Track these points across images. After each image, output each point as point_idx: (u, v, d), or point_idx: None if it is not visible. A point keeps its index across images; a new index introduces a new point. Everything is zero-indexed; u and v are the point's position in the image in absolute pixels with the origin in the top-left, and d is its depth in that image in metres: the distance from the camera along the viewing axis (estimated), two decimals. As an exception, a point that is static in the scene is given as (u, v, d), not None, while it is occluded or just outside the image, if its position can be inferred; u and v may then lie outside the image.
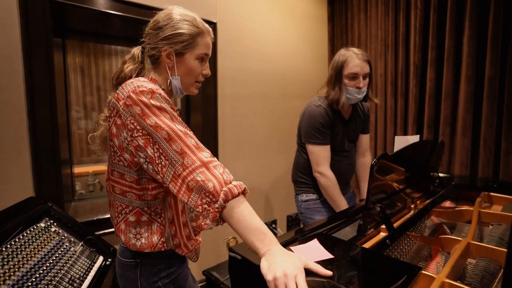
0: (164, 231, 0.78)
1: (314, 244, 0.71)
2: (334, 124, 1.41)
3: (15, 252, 0.98)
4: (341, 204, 1.38)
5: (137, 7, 1.64)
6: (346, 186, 1.53)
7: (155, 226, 0.78)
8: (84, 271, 1.14)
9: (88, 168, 2.61)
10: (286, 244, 0.73)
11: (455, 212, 1.22)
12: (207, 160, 0.66)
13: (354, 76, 1.33)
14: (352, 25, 2.41)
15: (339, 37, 2.53)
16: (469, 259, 0.89)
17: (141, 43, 0.85)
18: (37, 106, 1.35)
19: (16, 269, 0.93)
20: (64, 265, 1.09)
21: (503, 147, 1.63)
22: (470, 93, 1.74)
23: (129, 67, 0.83)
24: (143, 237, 0.77)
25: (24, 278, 0.92)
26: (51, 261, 1.05)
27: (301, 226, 1.41)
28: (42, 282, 0.96)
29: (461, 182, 1.53)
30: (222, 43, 2.02)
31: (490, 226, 1.10)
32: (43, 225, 1.18)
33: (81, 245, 1.24)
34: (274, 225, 2.48)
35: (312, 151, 1.40)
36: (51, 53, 1.36)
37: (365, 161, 1.60)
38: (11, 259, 0.94)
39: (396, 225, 0.98)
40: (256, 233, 0.61)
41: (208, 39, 0.82)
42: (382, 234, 0.93)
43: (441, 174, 1.71)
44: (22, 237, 1.05)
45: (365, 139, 1.59)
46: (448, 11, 1.79)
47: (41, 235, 1.13)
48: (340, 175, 1.42)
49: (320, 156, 1.38)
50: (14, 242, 1.01)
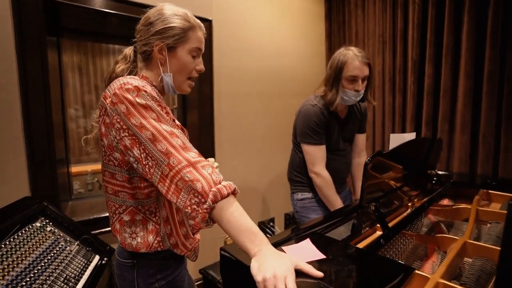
0: (160, 230, 0.78)
1: (307, 244, 0.70)
2: (330, 124, 1.39)
3: (10, 252, 0.97)
4: (336, 204, 1.37)
5: (133, 6, 1.63)
6: (342, 185, 1.52)
7: (150, 225, 0.77)
8: (80, 270, 1.14)
9: (87, 167, 2.62)
10: (279, 244, 0.72)
11: (453, 210, 1.21)
12: (194, 160, 0.65)
13: (353, 79, 1.30)
14: (350, 22, 2.39)
15: (337, 34, 2.51)
16: (466, 258, 0.88)
17: (133, 43, 0.84)
18: (32, 106, 1.34)
19: (11, 269, 0.93)
20: (60, 265, 1.08)
21: (503, 144, 1.62)
22: (469, 89, 1.72)
23: (121, 67, 0.82)
24: (139, 236, 0.76)
25: (19, 278, 0.92)
26: (46, 261, 1.05)
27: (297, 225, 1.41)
28: (37, 282, 0.96)
29: (460, 180, 1.51)
30: (218, 41, 2.00)
31: (488, 225, 1.08)
32: (39, 225, 1.18)
33: (77, 245, 1.24)
34: (272, 223, 2.48)
35: (308, 151, 1.39)
36: (45, 52, 1.35)
37: (361, 161, 1.58)
38: (5, 259, 0.94)
39: (392, 224, 0.97)
40: (247, 234, 0.60)
41: (200, 34, 0.81)
42: (378, 233, 0.92)
43: (440, 172, 1.69)
44: (17, 237, 1.05)
45: (361, 139, 1.58)
46: (447, 6, 1.77)
47: (37, 235, 1.13)
48: (336, 174, 1.41)
49: (316, 156, 1.37)
50: (9, 242, 1.00)
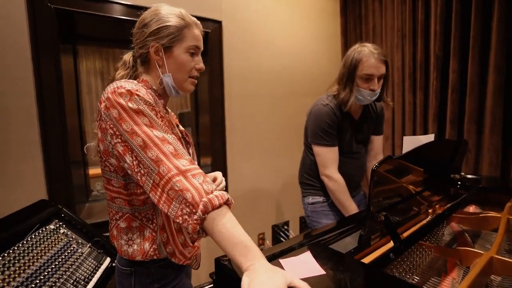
0: (156, 238, 0.76)
1: (306, 257, 0.65)
2: (342, 125, 1.32)
3: (23, 254, 1.01)
4: (350, 209, 1.30)
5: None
6: (356, 189, 1.44)
7: (147, 232, 0.76)
8: (90, 273, 1.16)
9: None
10: (276, 256, 0.68)
11: (480, 219, 1.10)
12: (185, 169, 0.62)
13: (369, 78, 1.22)
14: (367, 16, 2.28)
15: (353, 30, 2.41)
16: (494, 276, 0.78)
17: (132, 48, 0.83)
18: (47, 111, 1.40)
19: (22, 271, 0.96)
20: (70, 267, 1.11)
21: (540, 145, 1.45)
22: (500, 85, 1.56)
23: (121, 73, 0.81)
24: (135, 243, 0.75)
25: (29, 280, 0.94)
26: (57, 263, 1.08)
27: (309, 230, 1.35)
28: (47, 284, 0.98)
29: (489, 185, 1.38)
30: (228, 42, 1.98)
31: (522, 236, 0.97)
32: (53, 227, 1.22)
33: (89, 247, 1.27)
34: (286, 227, 2.42)
35: (319, 153, 1.32)
36: (59, 60, 1.40)
37: None
38: (18, 261, 0.98)
39: (408, 234, 0.89)
40: (239, 247, 0.57)
41: (196, 31, 0.79)
42: (390, 245, 0.85)
43: (469, 176, 1.55)
44: (31, 239, 1.09)
45: (378, 141, 1.49)
46: (473, -6, 1.62)
47: (50, 237, 1.16)
48: (349, 178, 1.33)
49: (327, 158, 1.31)
50: (22, 244, 1.04)
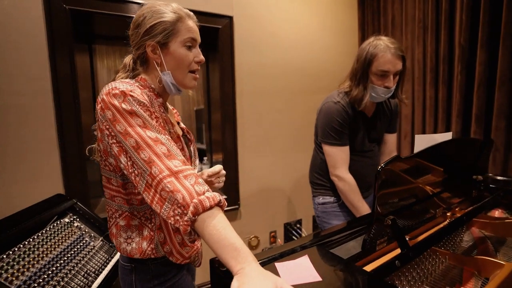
0: (154, 237, 0.77)
1: (304, 262, 0.62)
2: (354, 123, 1.26)
3: (38, 245, 1.06)
4: (362, 210, 1.24)
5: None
6: (368, 189, 1.37)
7: (146, 231, 0.76)
8: (101, 265, 1.20)
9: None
10: (274, 259, 0.66)
11: (505, 225, 1.00)
12: (177, 170, 0.61)
13: (384, 74, 1.15)
14: (385, 8, 2.15)
15: (371, 23, 2.29)
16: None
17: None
18: (63, 110, 1.46)
19: (36, 262, 1.00)
20: (82, 259, 1.15)
21: None
22: (534, 78, 1.42)
23: (121, 76, 0.81)
24: (134, 242, 0.76)
25: (42, 270, 0.99)
26: (70, 255, 1.12)
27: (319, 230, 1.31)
28: (59, 275, 1.03)
29: (519, 187, 1.26)
30: (239, 38, 1.96)
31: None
32: (67, 220, 1.27)
33: (101, 240, 1.31)
34: (299, 225, 2.38)
35: (329, 153, 1.27)
36: (73, 60, 1.45)
37: None
38: (32, 252, 1.02)
39: (420, 239, 0.83)
40: (229, 249, 0.55)
41: (190, 23, 0.76)
42: (399, 251, 0.80)
43: (499, 177, 1.43)
44: (46, 231, 1.14)
45: (391, 140, 1.41)
46: (505, -22, 1.48)
47: (64, 230, 1.22)
48: (360, 178, 1.27)
49: (338, 159, 1.25)
50: (38, 236, 1.09)
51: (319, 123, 1.31)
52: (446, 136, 0.86)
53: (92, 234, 1.30)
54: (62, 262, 1.07)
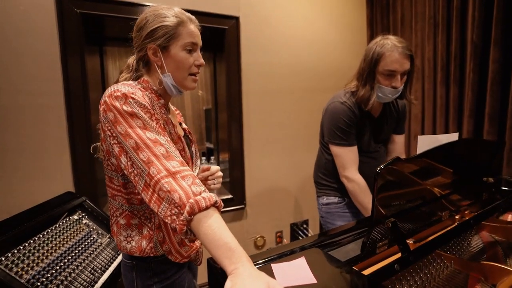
0: (153, 237, 0.78)
1: (300, 263, 0.62)
2: (361, 123, 1.24)
3: (47, 241, 1.10)
4: (369, 211, 1.22)
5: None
6: (373, 191, 1.34)
7: (145, 230, 0.78)
8: (107, 262, 1.24)
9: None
10: (272, 260, 0.65)
11: (517, 229, 0.97)
12: (175, 170, 0.63)
13: (391, 74, 1.12)
14: (394, 5, 2.11)
15: (379, 21, 2.24)
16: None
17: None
18: (74, 110, 1.50)
19: (45, 257, 1.04)
20: (89, 256, 1.19)
21: None
22: (552, 76, 1.35)
23: (124, 76, 0.83)
24: (134, 240, 0.78)
25: (50, 266, 1.02)
26: (77, 251, 1.16)
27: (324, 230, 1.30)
28: (66, 270, 1.06)
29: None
30: (246, 38, 1.96)
31: None
32: (76, 217, 1.31)
33: (108, 237, 1.35)
34: (306, 226, 2.37)
35: (337, 154, 1.25)
36: (84, 62, 1.49)
37: None
38: (42, 248, 1.06)
39: (424, 243, 0.81)
40: (224, 249, 0.56)
41: (191, 27, 0.77)
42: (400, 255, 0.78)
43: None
44: (55, 228, 1.18)
45: (399, 141, 1.37)
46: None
47: (73, 227, 1.26)
48: (366, 178, 1.24)
49: (346, 159, 1.23)
50: (47, 233, 1.13)
51: (325, 123, 1.30)
52: (452, 137, 0.84)
53: (100, 231, 1.34)
54: (70, 258, 1.11)
